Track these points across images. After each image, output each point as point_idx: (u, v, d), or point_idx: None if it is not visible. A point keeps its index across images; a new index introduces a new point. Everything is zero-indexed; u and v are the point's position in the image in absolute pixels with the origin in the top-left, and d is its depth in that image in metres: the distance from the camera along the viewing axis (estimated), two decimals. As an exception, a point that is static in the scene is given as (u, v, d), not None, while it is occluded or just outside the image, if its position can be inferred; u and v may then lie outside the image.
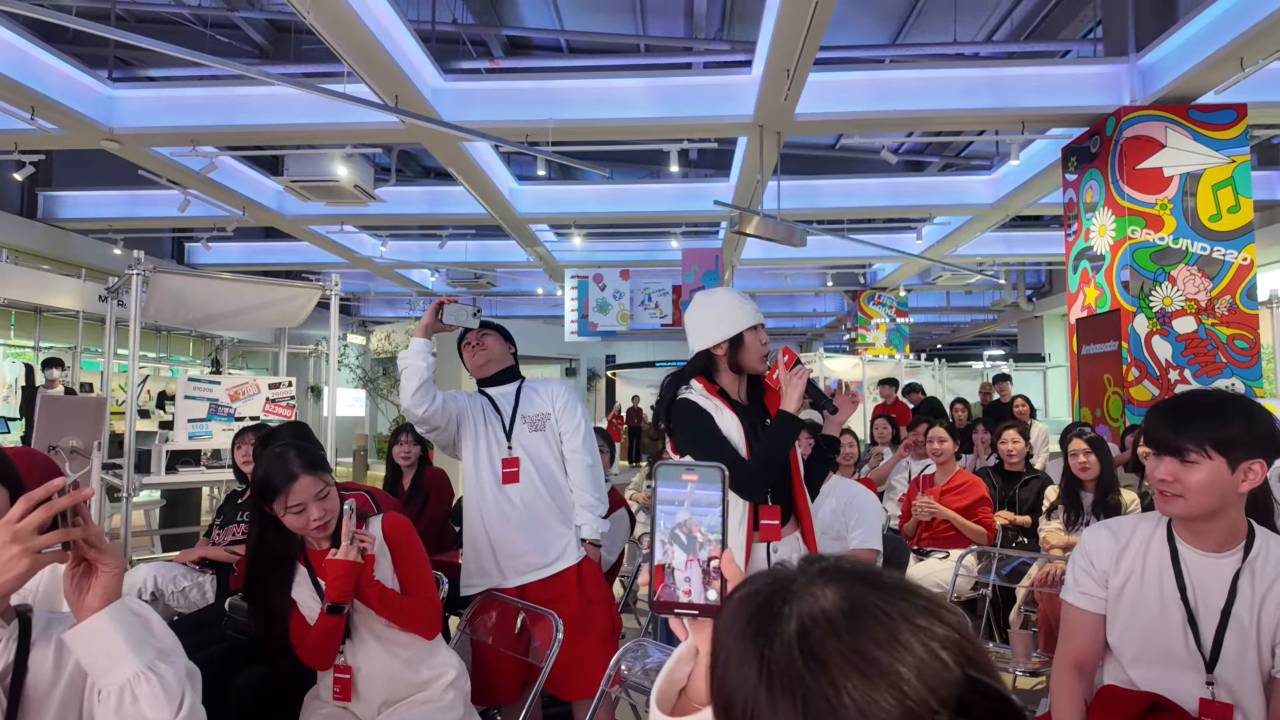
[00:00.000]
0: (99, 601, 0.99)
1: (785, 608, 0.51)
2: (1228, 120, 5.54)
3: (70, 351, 9.36)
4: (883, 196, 8.97)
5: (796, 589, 0.52)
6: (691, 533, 0.72)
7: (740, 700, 0.49)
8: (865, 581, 0.52)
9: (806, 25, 4.58)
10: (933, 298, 15.94)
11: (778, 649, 0.49)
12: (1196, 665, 1.44)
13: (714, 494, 0.72)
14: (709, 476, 0.72)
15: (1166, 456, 1.42)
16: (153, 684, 0.98)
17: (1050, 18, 8.03)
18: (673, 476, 0.73)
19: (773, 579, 0.54)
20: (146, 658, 0.99)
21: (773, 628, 0.50)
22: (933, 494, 3.82)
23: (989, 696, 0.46)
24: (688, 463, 0.73)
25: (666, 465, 0.73)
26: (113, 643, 0.98)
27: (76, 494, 0.98)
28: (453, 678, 2.00)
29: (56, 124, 6.09)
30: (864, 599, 0.50)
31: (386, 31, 5.07)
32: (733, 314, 1.99)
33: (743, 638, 0.51)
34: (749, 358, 1.99)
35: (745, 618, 0.52)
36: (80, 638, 0.98)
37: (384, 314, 17.48)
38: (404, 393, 2.32)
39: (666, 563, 0.72)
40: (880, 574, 0.53)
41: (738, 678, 0.50)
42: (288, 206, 8.95)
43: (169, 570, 3.07)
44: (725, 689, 0.51)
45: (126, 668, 0.98)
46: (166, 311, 4.60)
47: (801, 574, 0.53)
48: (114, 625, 0.98)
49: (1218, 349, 5.46)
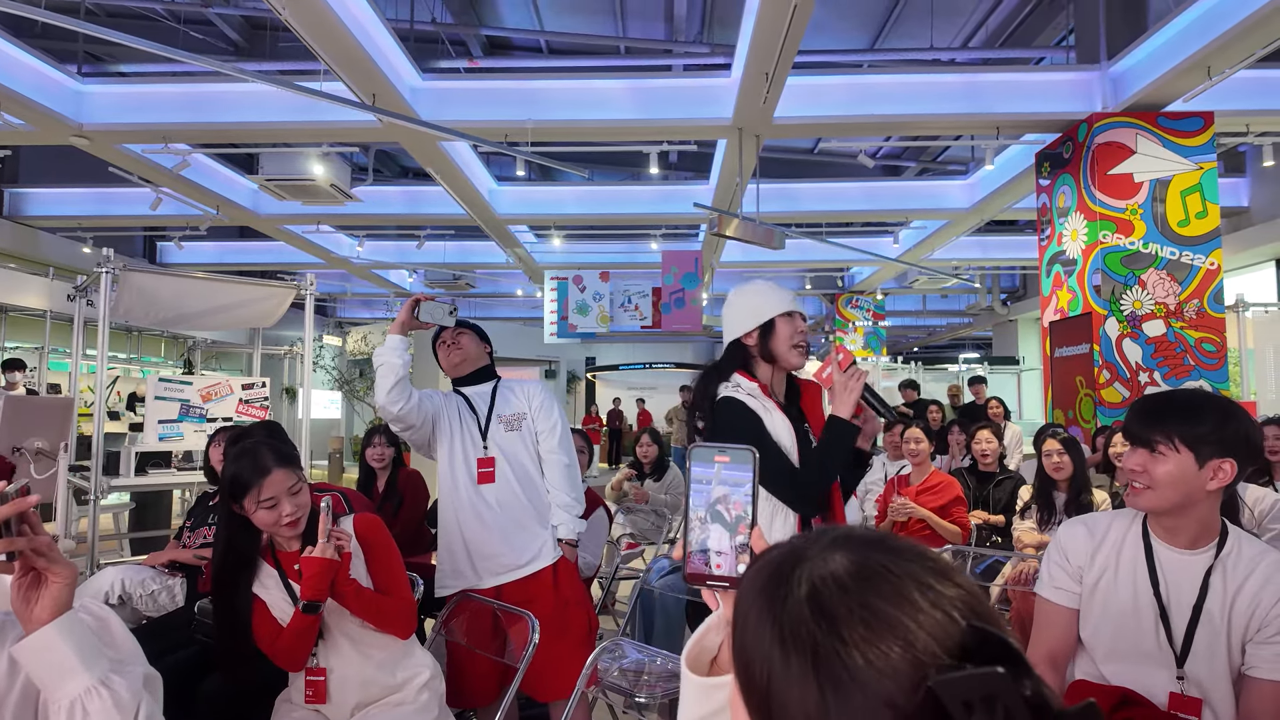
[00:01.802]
0: (48, 614, 0.95)
1: (797, 571, 0.53)
2: (1196, 128, 5.66)
3: (37, 352, 9.16)
4: (860, 200, 9.05)
5: (810, 555, 0.54)
6: (723, 511, 0.76)
7: (758, 660, 0.51)
8: (875, 546, 0.53)
9: (785, 29, 4.61)
10: (909, 301, 16.10)
11: (790, 608, 0.51)
12: (1168, 661, 1.46)
13: (745, 474, 0.77)
14: (740, 458, 0.77)
15: (1138, 448, 1.45)
16: (104, 699, 0.95)
17: (1025, 25, 8.15)
18: (705, 458, 0.78)
19: (789, 548, 0.56)
20: (99, 671, 0.96)
21: (786, 590, 0.52)
22: (908, 494, 3.85)
23: (990, 642, 0.47)
24: (719, 445, 0.77)
25: (700, 447, 0.78)
26: (62, 656, 0.94)
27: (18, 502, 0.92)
28: (427, 679, 1.97)
29: (24, 119, 5.97)
30: (873, 560, 0.52)
31: (364, 30, 5.02)
32: (763, 300, 1.88)
33: (758, 601, 0.53)
34: (780, 345, 1.86)
35: (761, 583, 0.54)
36: (28, 651, 0.94)
37: (360, 315, 17.31)
38: (379, 390, 2.29)
39: (699, 538, 0.76)
40: (891, 539, 0.55)
41: (754, 639, 0.52)
42: (263, 205, 8.84)
43: (137, 573, 3.00)
44: (744, 651, 0.53)
45: (77, 682, 0.94)
46: (137, 311, 4.52)
47: (814, 543, 0.55)
48: (63, 638, 0.94)
49: (1186, 352, 5.56)
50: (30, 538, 0.94)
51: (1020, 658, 0.46)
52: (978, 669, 0.44)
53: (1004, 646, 0.46)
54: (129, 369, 11.04)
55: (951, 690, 0.43)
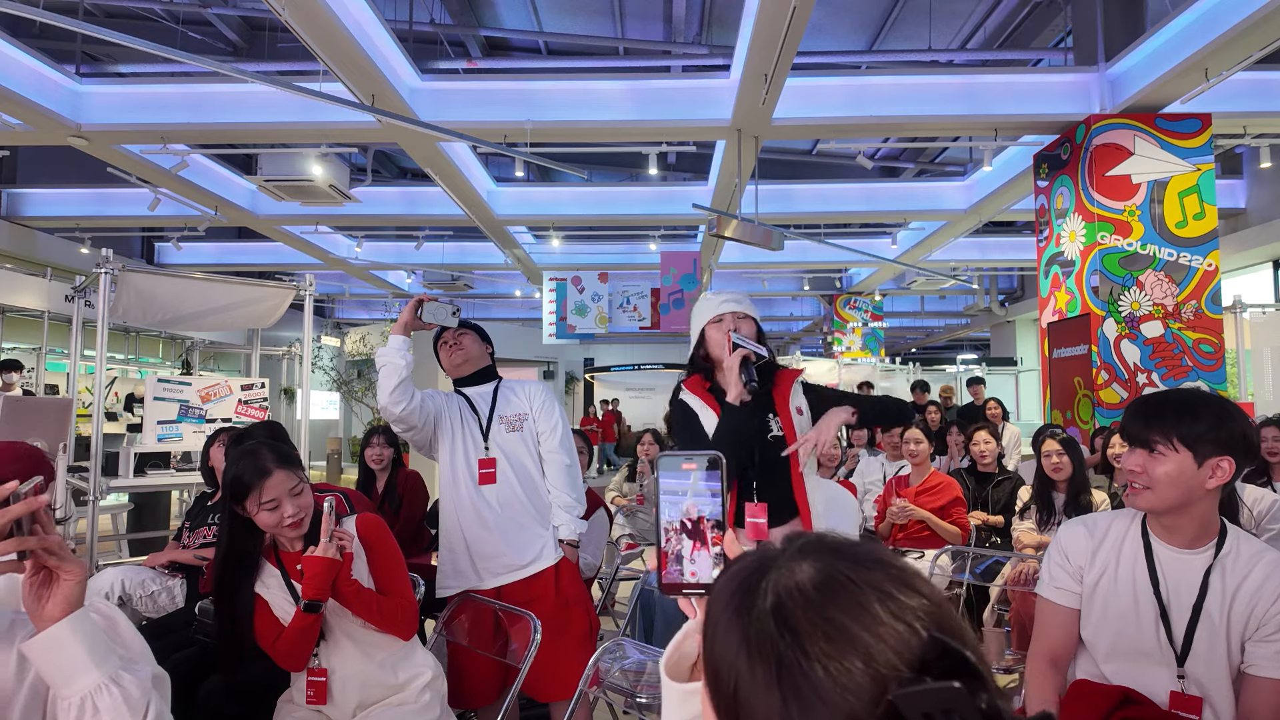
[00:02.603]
0: (59, 611, 0.95)
1: (763, 583, 0.53)
2: (1193, 129, 5.68)
3: (35, 353, 9.15)
4: (859, 202, 9.06)
5: (778, 564, 0.54)
6: (694, 518, 0.76)
7: (725, 669, 0.52)
8: (840, 554, 0.54)
9: (784, 30, 4.61)
10: (907, 302, 16.12)
11: (756, 619, 0.52)
12: (1168, 660, 1.47)
13: (714, 482, 0.77)
14: (708, 464, 0.77)
15: (1137, 448, 1.45)
16: (115, 696, 0.95)
17: (1022, 27, 8.17)
18: (674, 466, 0.78)
19: (758, 557, 0.57)
20: (109, 668, 0.96)
21: (752, 602, 0.53)
22: (908, 495, 3.85)
23: (949, 655, 0.48)
24: (687, 453, 0.78)
25: (668, 456, 0.78)
26: (73, 654, 0.95)
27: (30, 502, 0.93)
28: (429, 679, 1.97)
29: (22, 120, 5.95)
30: (836, 570, 0.52)
31: (363, 30, 5.02)
32: (696, 316, 2.20)
33: (726, 611, 0.54)
34: (714, 349, 2.13)
35: (729, 594, 0.55)
36: (39, 648, 0.95)
37: (359, 316, 17.28)
38: (381, 390, 2.29)
39: (672, 547, 0.76)
40: (857, 547, 0.55)
41: (723, 648, 0.53)
42: (261, 206, 8.82)
43: (137, 574, 3.00)
44: (713, 660, 0.54)
45: (88, 679, 0.95)
46: (135, 311, 4.51)
47: (783, 552, 0.56)
48: (74, 635, 0.95)
49: (1184, 353, 5.58)
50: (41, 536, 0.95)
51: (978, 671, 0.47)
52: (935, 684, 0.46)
53: (962, 661, 0.47)
54: (126, 370, 11.03)
55: (911, 704, 0.45)
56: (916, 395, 8.06)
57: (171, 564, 3.03)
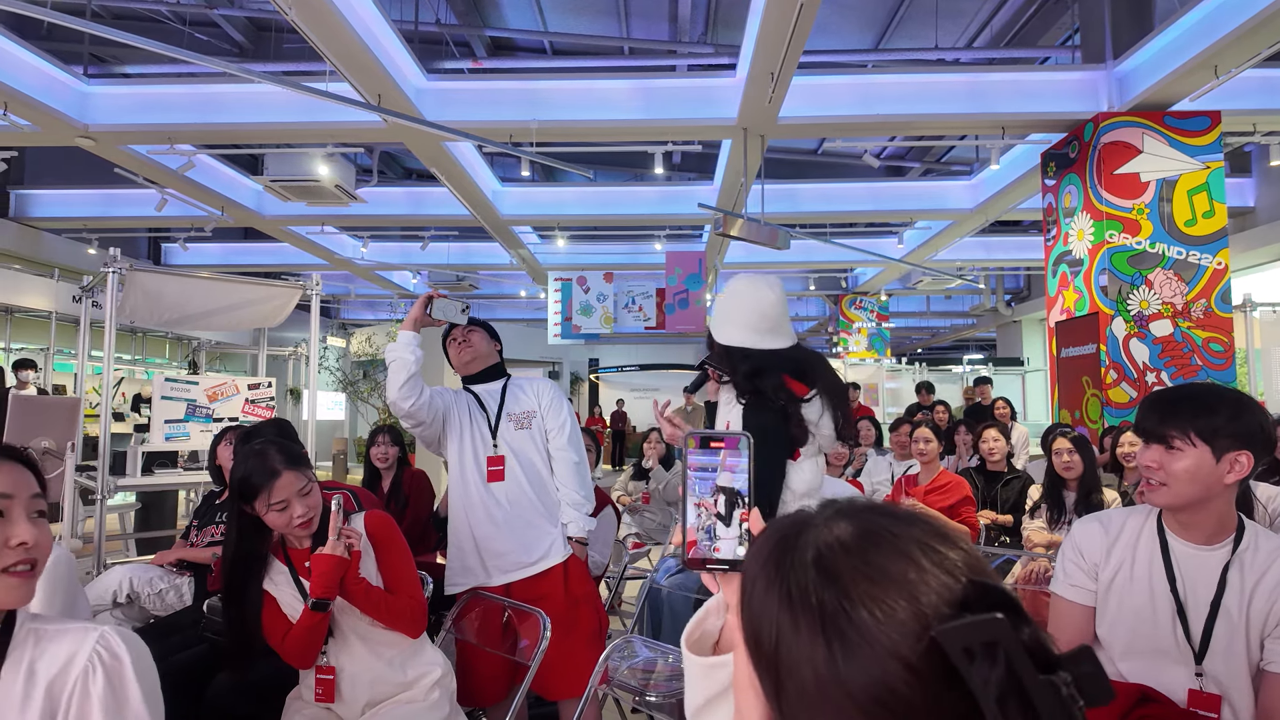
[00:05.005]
0: None
1: (802, 538, 0.54)
2: (1202, 127, 5.64)
3: (43, 353, 9.18)
4: (864, 201, 9.03)
5: (815, 523, 0.55)
6: (721, 495, 0.78)
7: (767, 627, 0.52)
8: (878, 512, 0.55)
9: (790, 29, 4.60)
10: (913, 302, 16.07)
11: (796, 573, 0.52)
12: (1185, 657, 1.45)
13: (741, 459, 0.78)
14: (736, 444, 0.79)
15: (1153, 444, 1.43)
16: None
17: (1029, 25, 8.14)
18: (702, 444, 0.79)
19: (794, 518, 0.57)
20: None
21: (792, 557, 0.53)
22: (916, 494, 3.83)
23: (990, 593, 0.48)
24: (716, 431, 0.79)
25: (697, 434, 0.80)
26: None
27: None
28: (438, 677, 1.96)
29: (30, 120, 5.97)
30: (875, 525, 0.53)
31: (369, 30, 5.03)
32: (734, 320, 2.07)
33: (765, 569, 0.54)
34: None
35: (767, 552, 0.56)
36: None
37: (364, 316, 17.30)
38: (391, 386, 2.29)
39: (700, 522, 0.78)
40: (893, 507, 0.56)
41: (763, 607, 0.53)
42: (267, 207, 8.84)
43: (145, 572, 3.00)
44: (753, 620, 0.54)
45: None
46: (142, 311, 4.52)
47: (819, 514, 0.56)
48: None
49: (1194, 352, 5.54)
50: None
51: (1019, 606, 0.47)
52: (978, 616, 0.45)
53: (1003, 596, 0.47)
54: (133, 370, 11.06)
55: (953, 638, 0.45)
56: (922, 396, 8.03)
57: (179, 562, 3.03)
